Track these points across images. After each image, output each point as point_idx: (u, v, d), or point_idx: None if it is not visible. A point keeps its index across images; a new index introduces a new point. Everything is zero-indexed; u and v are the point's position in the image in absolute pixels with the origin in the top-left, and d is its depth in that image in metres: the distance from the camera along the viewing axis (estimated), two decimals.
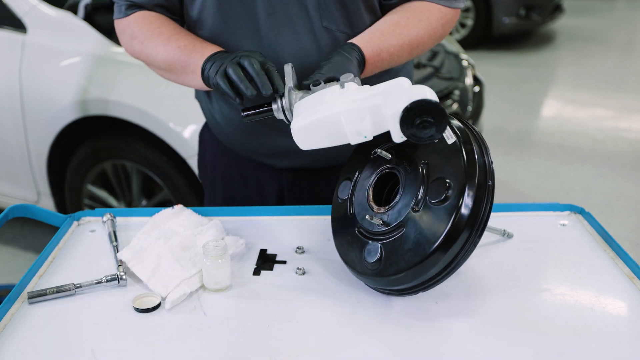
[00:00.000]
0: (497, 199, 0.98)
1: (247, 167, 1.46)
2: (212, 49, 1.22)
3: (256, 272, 1.14)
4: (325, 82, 1.09)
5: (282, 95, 1.10)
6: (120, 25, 1.34)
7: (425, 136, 0.96)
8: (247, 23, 1.24)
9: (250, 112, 1.15)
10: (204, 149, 1.58)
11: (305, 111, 1.05)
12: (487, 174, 0.97)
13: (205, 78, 1.18)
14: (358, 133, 1.02)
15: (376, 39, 1.21)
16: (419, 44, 1.27)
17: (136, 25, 1.30)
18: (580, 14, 9.21)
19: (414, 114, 0.94)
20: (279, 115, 1.12)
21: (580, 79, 6.35)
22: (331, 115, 1.01)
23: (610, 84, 6.14)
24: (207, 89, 1.24)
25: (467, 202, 0.94)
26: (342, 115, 1.00)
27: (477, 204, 0.95)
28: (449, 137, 1.01)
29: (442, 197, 0.96)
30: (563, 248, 1.22)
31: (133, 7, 1.32)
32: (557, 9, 7.59)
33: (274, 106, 1.11)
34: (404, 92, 0.97)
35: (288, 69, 1.13)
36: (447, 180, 0.97)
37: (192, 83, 1.25)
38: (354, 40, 1.21)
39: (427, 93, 0.96)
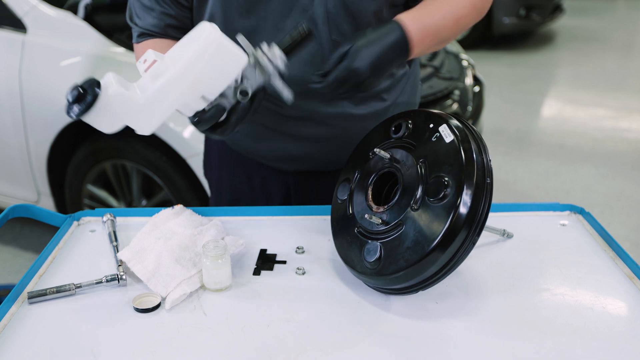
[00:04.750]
0: (497, 199, 0.98)
1: (253, 168, 1.46)
2: None
3: (256, 272, 1.14)
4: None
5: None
6: (136, 49, 1.34)
7: None
8: (257, 38, 1.22)
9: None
10: (210, 148, 1.58)
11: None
12: (485, 172, 0.98)
13: None
14: None
15: (422, 15, 1.15)
16: (462, 15, 1.21)
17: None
18: (580, 14, 9.20)
19: None
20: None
21: (580, 79, 6.35)
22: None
23: (610, 84, 6.14)
24: None
25: (466, 200, 0.94)
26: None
27: (476, 202, 0.95)
28: (447, 135, 1.01)
29: (441, 196, 0.96)
30: (563, 248, 1.22)
31: (145, 35, 1.30)
32: (557, 9, 7.59)
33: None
34: None
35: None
36: (446, 179, 0.97)
37: None
38: (397, 18, 1.13)
39: None
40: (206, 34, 0.90)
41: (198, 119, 1.01)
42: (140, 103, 0.88)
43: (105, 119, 0.87)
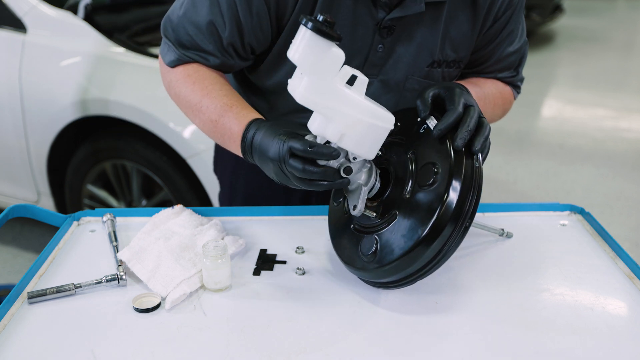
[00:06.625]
0: (497, 198, 0.99)
1: None
2: (249, 114, 1.13)
3: (256, 272, 1.14)
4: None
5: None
6: (165, 69, 1.28)
7: None
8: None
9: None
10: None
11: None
12: (474, 156, 0.98)
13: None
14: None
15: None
16: (494, 104, 1.33)
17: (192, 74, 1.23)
18: (580, 14, 9.21)
19: None
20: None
21: (580, 79, 6.35)
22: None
23: (610, 84, 6.15)
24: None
25: (455, 184, 0.95)
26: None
27: (466, 186, 0.95)
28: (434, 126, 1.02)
29: (431, 181, 0.97)
30: (563, 248, 1.22)
31: (182, 61, 1.24)
32: (557, 9, 7.60)
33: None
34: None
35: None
36: (435, 165, 0.98)
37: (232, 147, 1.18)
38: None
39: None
40: (389, 116, 0.99)
41: (310, 144, 0.97)
42: (328, 81, 0.93)
43: (310, 51, 0.90)
